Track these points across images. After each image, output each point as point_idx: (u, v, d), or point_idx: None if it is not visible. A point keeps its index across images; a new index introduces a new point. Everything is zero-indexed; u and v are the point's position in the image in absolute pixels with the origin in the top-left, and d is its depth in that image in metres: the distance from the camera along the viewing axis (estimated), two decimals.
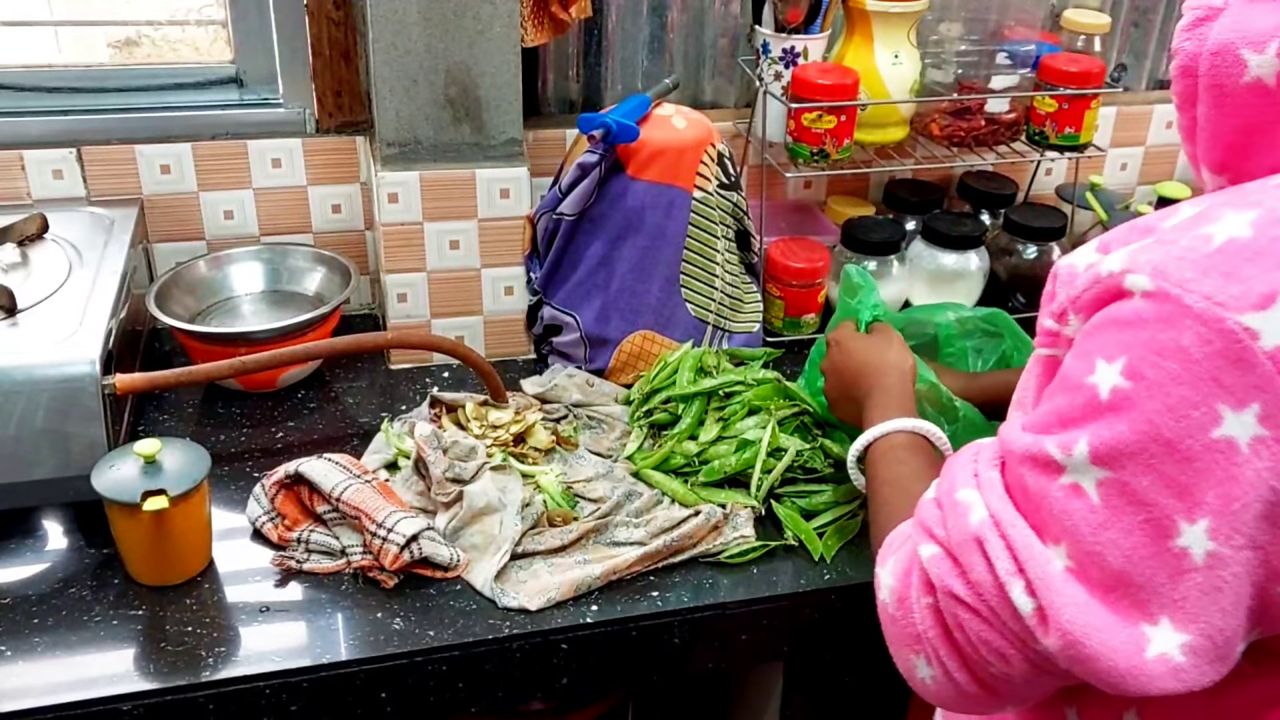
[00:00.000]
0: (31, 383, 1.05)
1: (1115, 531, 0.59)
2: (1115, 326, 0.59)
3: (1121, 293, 0.59)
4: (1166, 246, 0.58)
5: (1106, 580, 0.59)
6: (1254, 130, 0.62)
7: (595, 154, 1.29)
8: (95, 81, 1.43)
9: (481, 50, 1.29)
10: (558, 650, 1.03)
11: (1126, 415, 0.57)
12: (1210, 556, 0.56)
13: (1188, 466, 0.56)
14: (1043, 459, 0.62)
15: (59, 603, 1.02)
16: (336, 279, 1.41)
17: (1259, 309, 0.54)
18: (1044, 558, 0.61)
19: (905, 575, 0.71)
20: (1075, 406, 0.60)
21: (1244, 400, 0.54)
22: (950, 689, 0.68)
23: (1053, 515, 0.61)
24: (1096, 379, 0.59)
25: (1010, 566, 0.62)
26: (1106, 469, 0.59)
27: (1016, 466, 0.65)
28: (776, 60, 1.45)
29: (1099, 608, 0.59)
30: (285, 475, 1.11)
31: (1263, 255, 0.55)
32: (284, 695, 0.97)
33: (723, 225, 1.37)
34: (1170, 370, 0.56)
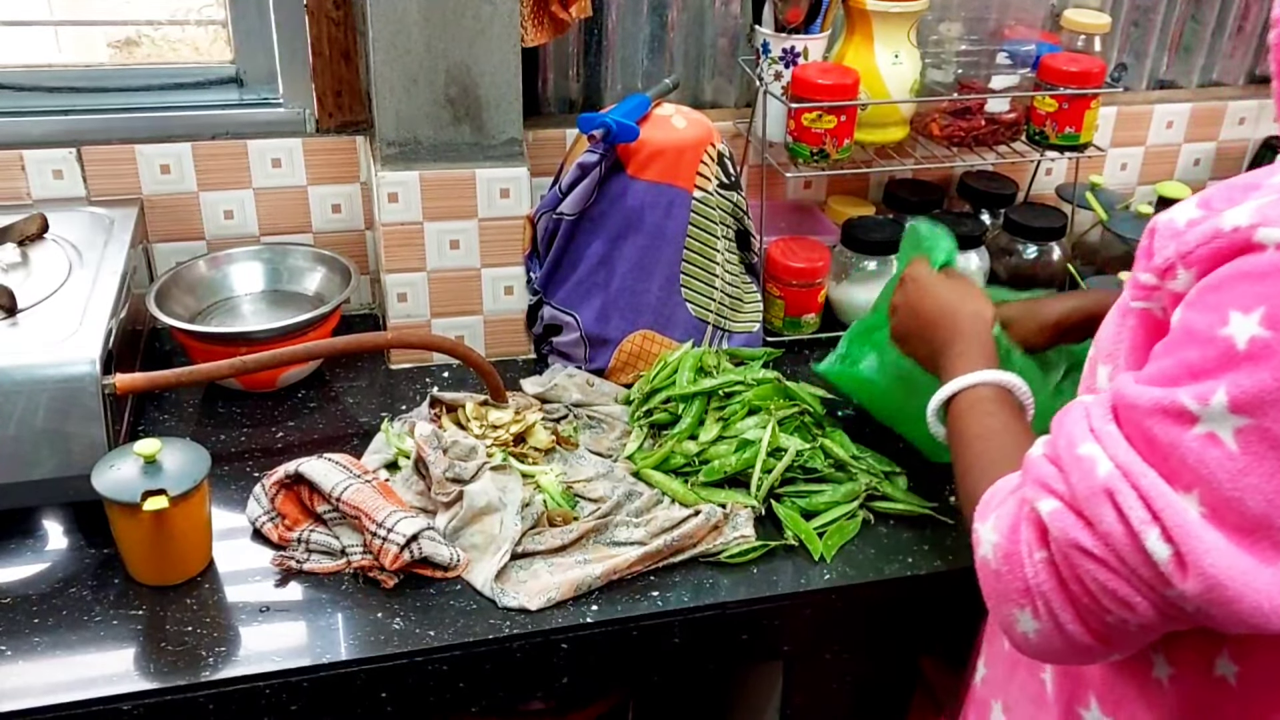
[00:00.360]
0: (32, 382, 1.05)
1: (1256, 477, 0.61)
2: (1250, 279, 0.61)
3: (1251, 246, 0.61)
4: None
5: (1245, 524, 0.61)
6: None
7: (595, 154, 1.29)
8: (95, 81, 1.43)
9: (481, 50, 1.29)
10: (558, 650, 1.03)
11: (1267, 364, 0.59)
12: None
13: None
14: (1175, 410, 0.63)
15: (59, 602, 1.02)
16: (336, 279, 1.41)
17: None
18: (1180, 505, 0.63)
19: (1013, 530, 0.71)
20: (1209, 358, 0.62)
21: None
22: (1058, 639, 0.69)
23: (1186, 464, 0.63)
24: (1231, 330, 0.61)
25: (1144, 515, 0.63)
26: (1246, 416, 0.60)
27: (1143, 419, 0.65)
28: (776, 60, 1.45)
29: (1239, 551, 0.61)
30: (285, 475, 1.11)
31: None
32: (284, 695, 0.97)
33: (723, 225, 1.37)
34: None
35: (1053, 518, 0.68)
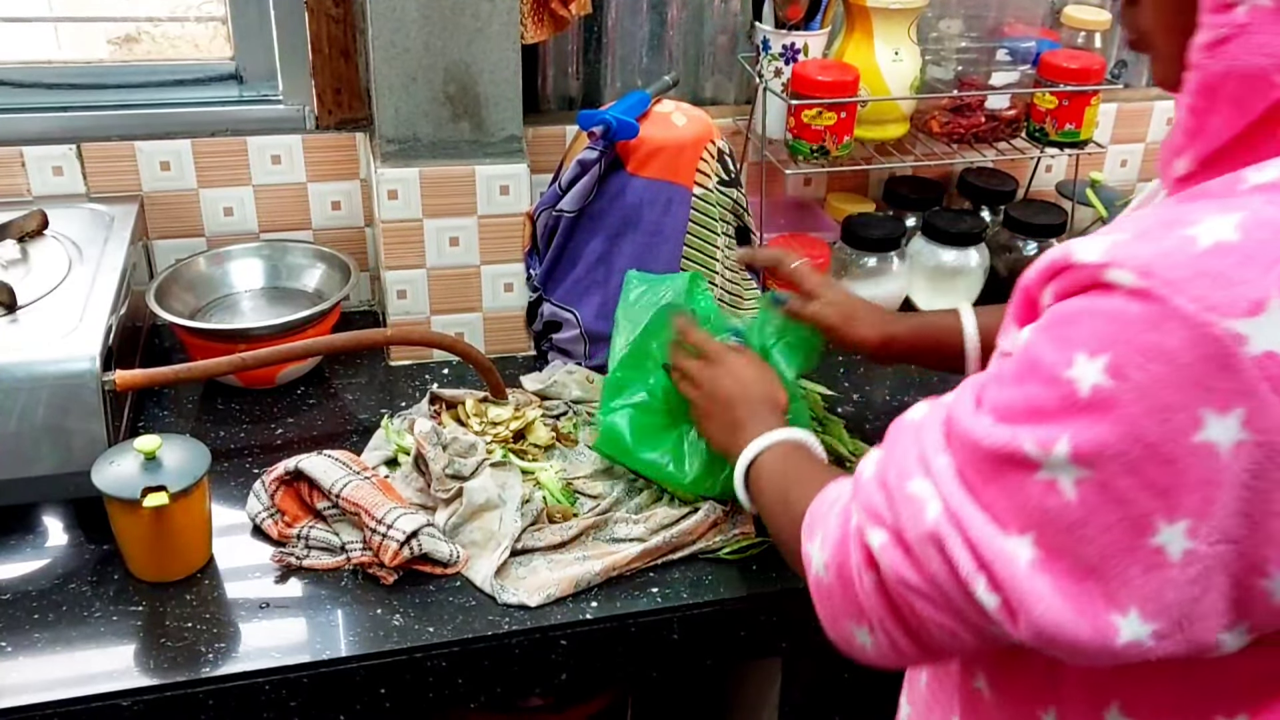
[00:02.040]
0: (32, 379, 1.05)
1: (1092, 528, 0.58)
2: (1098, 319, 0.57)
3: (1100, 284, 0.58)
4: (1148, 243, 0.57)
5: (1077, 571, 0.59)
6: (1254, 132, 0.61)
7: (595, 151, 1.29)
8: (95, 78, 1.43)
9: (481, 47, 1.29)
10: (557, 646, 1.03)
11: (1109, 416, 0.57)
12: (1186, 554, 0.57)
13: (1169, 469, 0.56)
14: (1018, 456, 0.60)
15: (59, 599, 1.02)
16: (336, 276, 1.41)
17: (1248, 315, 0.53)
18: (1009, 553, 0.61)
19: (841, 549, 0.71)
20: (1051, 400, 0.59)
21: (1228, 405, 0.54)
22: (894, 655, 0.70)
23: (1023, 507, 0.61)
24: (1076, 373, 0.58)
25: (971, 565, 0.62)
26: (1087, 468, 0.58)
27: (981, 460, 0.63)
28: (776, 57, 1.45)
29: (1068, 599, 0.60)
30: (285, 472, 1.11)
31: (1251, 260, 0.54)
32: (284, 691, 0.97)
33: (722, 222, 1.37)
34: (1156, 372, 0.55)
35: (882, 552, 0.67)
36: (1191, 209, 0.59)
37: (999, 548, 0.61)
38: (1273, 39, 0.58)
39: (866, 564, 0.68)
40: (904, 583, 0.65)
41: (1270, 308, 0.53)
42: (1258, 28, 0.59)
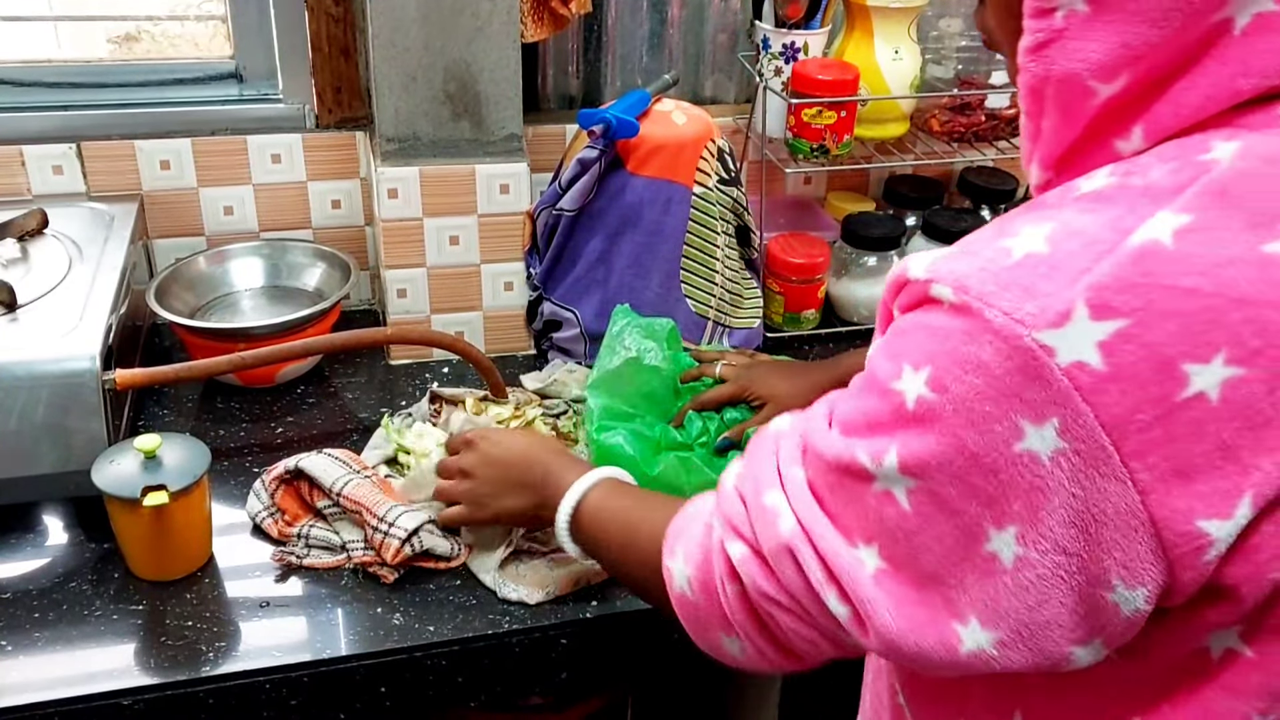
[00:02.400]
0: (32, 378, 1.05)
1: (927, 536, 0.60)
2: (923, 333, 0.59)
3: (927, 300, 0.59)
4: (969, 258, 0.58)
5: (918, 579, 0.61)
6: (1091, 133, 0.62)
7: (595, 150, 1.29)
8: (95, 77, 1.43)
9: (481, 46, 1.29)
10: (557, 645, 1.03)
11: (932, 428, 0.57)
12: (1018, 560, 0.57)
13: (994, 478, 0.56)
14: (855, 468, 0.62)
15: (59, 598, 1.02)
16: (336, 274, 1.41)
17: (1054, 326, 0.53)
18: (854, 563, 0.63)
19: (704, 563, 0.72)
20: (884, 412, 0.61)
21: (1043, 415, 0.54)
22: (760, 661, 0.72)
23: (865, 518, 0.62)
24: (903, 386, 0.59)
25: (822, 576, 0.64)
26: (916, 479, 0.59)
27: (826, 471, 0.65)
28: (776, 56, 1.45)
29: (911, 607, 0.61)
30: (285, 470, 1.11)
31: (1058, 270, 0.54)
32: (284, 690, 0.97)
33: (722, 221, 1.37)
34: (973, 384, 0.55)
35: (741, 563, 0.68)
36: (1016, 220, 0.59)
37: (846, 559, 0.63)
38: (1087, 44, 0.58)
39: (729, 575, 0.70)
40: (763, 594, 0.67)
41: (1076, 318, 0.53)
42: (1074, 33, 0.59)
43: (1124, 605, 0.56)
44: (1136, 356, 0.53)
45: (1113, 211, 0.56)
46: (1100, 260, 0.54)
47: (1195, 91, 0.58)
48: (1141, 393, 0.53)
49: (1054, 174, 0.64)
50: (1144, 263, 0.53)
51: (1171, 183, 0.56)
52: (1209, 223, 0.54)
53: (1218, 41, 0.56)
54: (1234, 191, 0.54)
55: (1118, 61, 0.58)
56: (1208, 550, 0.54)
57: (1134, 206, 0.55)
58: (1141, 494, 0.54)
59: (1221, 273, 0.53)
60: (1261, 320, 0.53)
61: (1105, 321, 0.53)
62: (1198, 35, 0.56)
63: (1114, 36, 0.57)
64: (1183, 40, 0.56)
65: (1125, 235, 0.54)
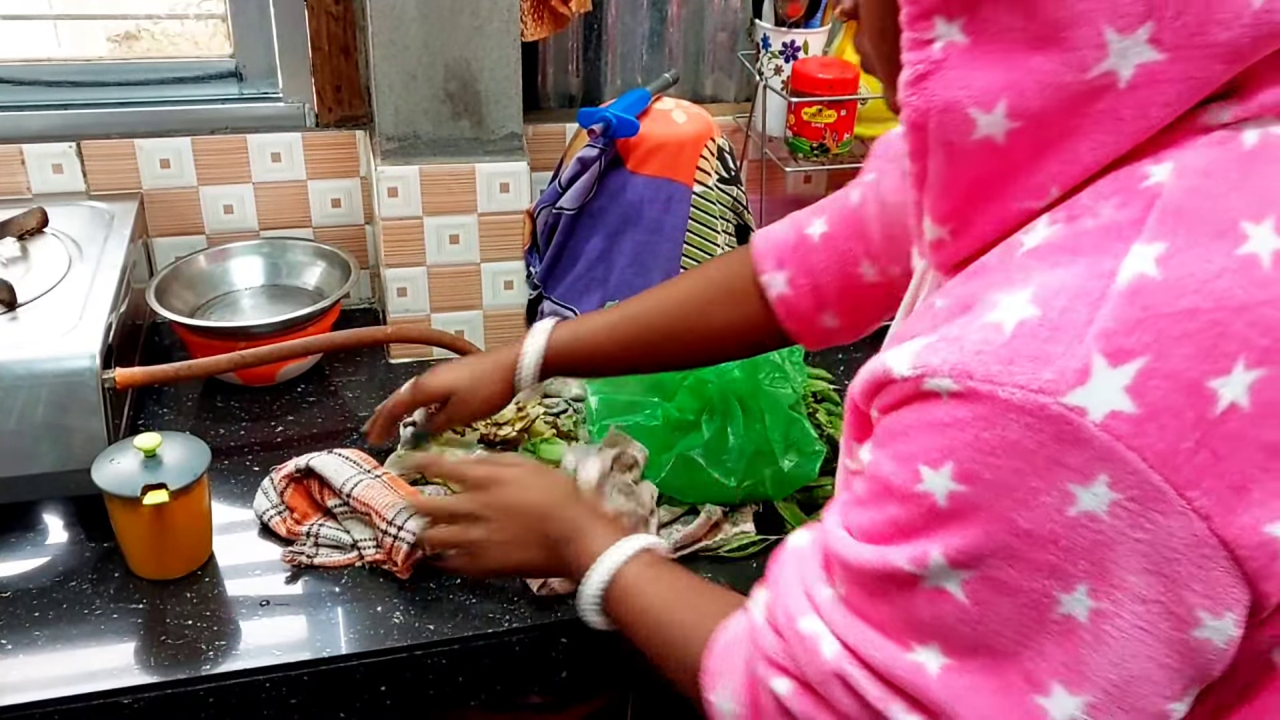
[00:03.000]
0: (32, 377, 1.05)
1: (993, 622, 0.57)
2: (931, 430, 0.57)
3: (923, 395, 0.57)
4: (956, 344, 0.56)
5: (990, 666, 0.58)
6: (985, 183, 0.60)
7: (595, 148, 1.29)
8: (95, 76, 1.43)
9: (481, 45, 1.29)
10: (557, 644, 1.03)
11: (976, 519, 0.56)
12: (1094, 613, 0.55)
13: (1053, 547, 0.55)
14: (896, 575, 0.59)
15: (59, 596, 1.02)
16: (336, 273, 1.41)
17: (1078, 385, 0.52)
18: (915, 669, 0.60)
19: (752, 701, 0.69)
20: (914, 517, 0.58)
21: (1090, 474, 0.53)
22: None
23: (917, 620, 0.59)
24: (927, 487, 0.57)
25: (880, 693, 0.61)
26: (969, 569, 0.57)
27: (862, 582, 0.62)
28: (776, 54, 1.45)
29: (988, 696, 0.58)
30: (296, 469, 1.11)
31: (1060, 330, 0.53)
32: (284, 689, 0.97)
33: (722, 220, 1.37)
34: (1007, 466, 0.54)
35: (791, 700, 0.65)
36: (979, 292, 0.58)
37: (905, 665, 0.60)
38: (968, 74, 0.57)
39: (779, 713, 0.66)
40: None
41: (1095, 370, 0.52)
42: (954, 63, 0.57)
43: (1216, 637, 0.55)
44: (1165, 389, 0.52)
45: (1085, 259, 0.55)
46: (1099, 308, 0.53)
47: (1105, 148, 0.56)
48: (1179, 422, 0.52)
49: (951, 229, 0.63)
50: (1139, 299, 0.53)
51: (1126, 216, 0.55)
52: (1183, 244, 0.54)
53: (1105, 95, 0.55)
54: (1189, 209, 0.54)
55: (999, 89, 0.57)
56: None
57: (1104, 248, 0.55)
58: (1206, 519, 0.53)
59: (1212, 286, 0.53)
60: (1264, 320, 0.53)
61: (1125, 365, 0.52)
62: (1082, 86, 0.55)
63: (998, 65, 0.56)
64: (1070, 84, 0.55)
65: (1111, 278, 0.54)
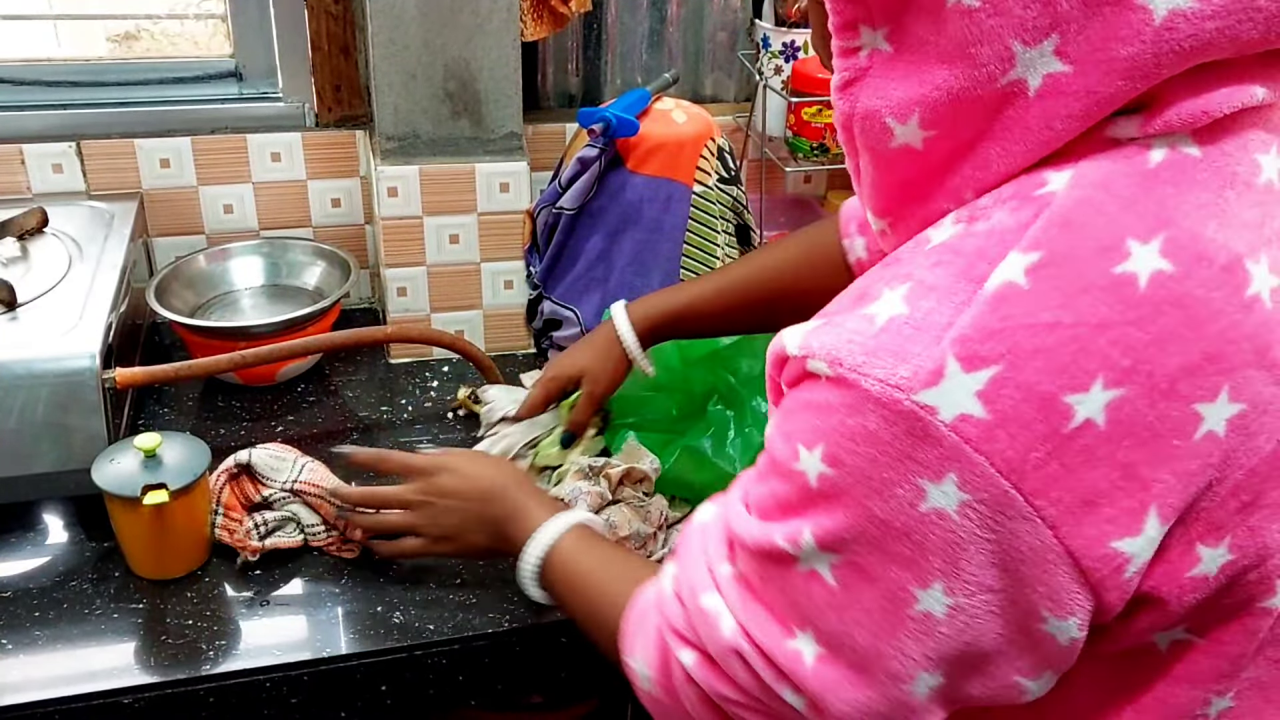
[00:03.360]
0: (32, 377, 1.05)
1: (857, 610, 0.59)
2: (810, 410, 0.59)
3: (807, 374, 0.59)
4: (836, 329, 0.58)
5: (858, 661, 0.60)
6: (909, 184, 0.62)
7: (595, 148, 1.29)
8: (95, 75, 1.43)
9: (480, 44, 1.29)
10: (557, 644, 1.03)
11: (839, 502, 0.58)
12: (950, 610, 0.57)
13: (907, 540, 0.56)
14: (776, 553, 0.62)
15: (59, 596, 1.02)
16: (336, 273, 1.41)
17: (930, 385, 0.53)
18: (794, 656, 0.62)
19: (662, 665, 0.71)
20: (791, 494, 0.61)
21: (940, 472, 0.54)
22: None
23: (797, 603, 0.62)
24: (803, 465, 0.59)
25: (771, 674, 0.64)
26: (835, 553, 0.59)
27: (750, 559, 0.65)
28: (777, 54, 1.45)
29: (857, 690, 0.60)
30: (236, 464, 1.07)
31: (920, 329, 0.55)
32: (284, 688, 0.97)
33: (722, 219, 1.37)
34: (867, 454, 0.56)
35: (695, 669, 0.68)
36: (874, 281, 0.60)
37: (787, 652, 0.63)
38: (889, 83, 0.59)
39: (686, 680, 0.69)
40: (723, 697, 0.67)
41: (949, 373, 0.53)
42: (878, 71, 0.59)
43: (1059, 635, 0.57)
44: (1016, 399, 0.53)
45: (962, 262, 0.56)
46: (960, 312, 0.54)
47: (1015, 155, 0.57)
48: (1029, 433, 0.53)
49: (889, 222, 0.65)
50: (1002, 307, 0.53)
51: (1014, 221, 0.56)
52: (1058, 256, 0.54)
53: (1015, 102, 0.56)
54: (1076, 220, 0.54)
55: (913, 101, 0.58)
56: (1126, 568, 0.55)
57: (984, 252, 0.55)
58: (1052, 528, 0.54)
59: (1078, 302, 0.53)
60: (1126, 340, 0.53)
61: (977, 371, 0.53)
62: (993, 95, 0.56)
63: (913, 76, 0.58)
64: (980, 95, 0.56)
65: (980, 283, 0.54)
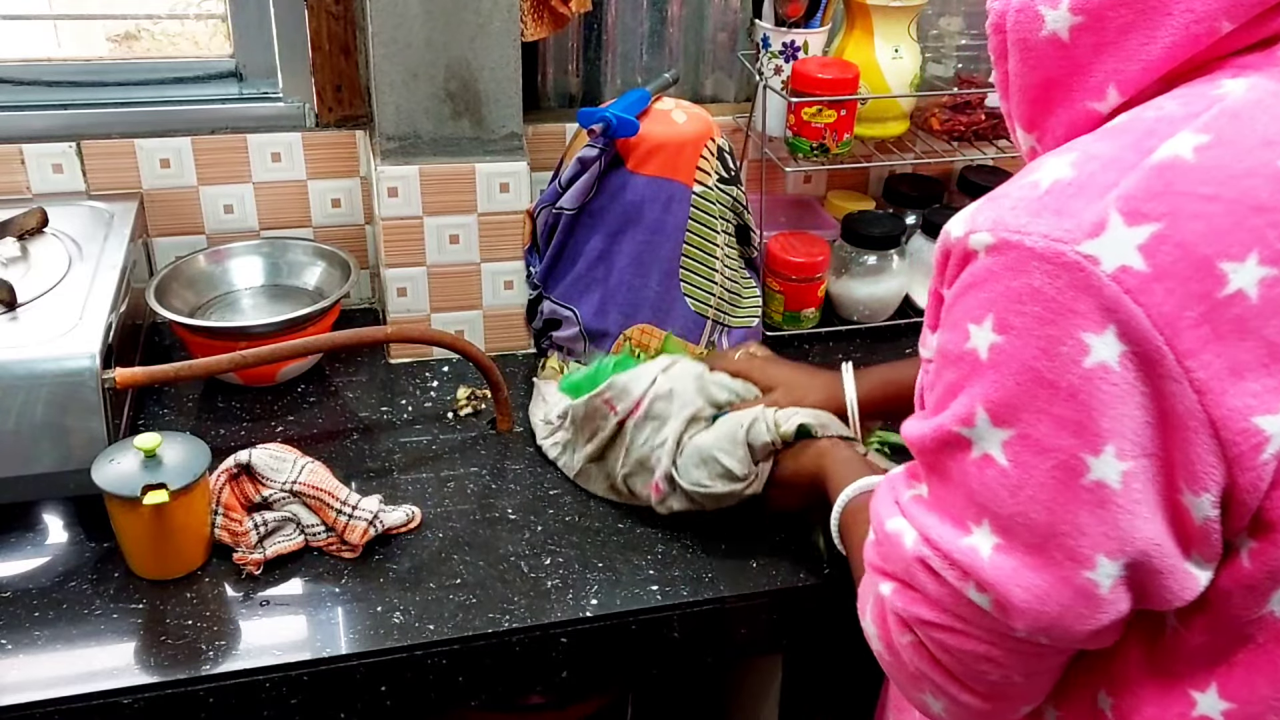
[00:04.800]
0: (32, 377, 1.05)
1: (1031, 488, 0.60)
2: (974, 288, 0.61)
3: (969, 254, 0.62)
4: (999, 201, 0.61)
5: (1035, 543, 0.61)
6: (1053, 84, 0.65)
7: (595, 148, 1.29)
8: (95, 75, 1.43)
9: (481, 45, 1.29)
10: (557, 644, 1.03)
11: (1006, 367, 0.60)
12: (1125, 476, 0.58)
13: (1074, 401, 0.58)
14: (950, 438, 0.64)
15: (59, 596, 1.02)
16: (336, 273, 1.41)
17: (1093, 236, 0.56)
18: (972, 550, 0.63)
19: (880, 621, 0.73)
20: (961, 375, 0.62)
21: (1101, 323, 0.56)
22: (964, 713, 0.70)
23: (970, 495, 0.63)
24: (974, 343, 0.61)
25: (956, 573, 0.64)
26: (1006, 427, 0.60)
27: (929, 457, 0.67)
28: (776, 54, 1.45)
29: (1037, 574, 0.61)
30: (236, 464, 1.07)
31: (1085, 188, 0.58)
32: (284, 689, 0.97)
33: (722, 220, 1.37)
34: (1033, 312, 0.58)
35: (892, 599, 0.69)
36: (1038, 161, 0.63)
37: (964, 549, 0.64)
38: None
39: (899, 626, 0.70)
40: (919, 619, 0.67)
41: (1111, 225, 0.56)
42: None
43: (1194, 510, 0.58)
44: (1174, 256, 0.55)
45: (1129, 137, 0.59)
46: (1125, 175, 0.57)
47: (1157, 44, 0.60)
48: (1185, 290, 0.55)
49: (1037, 136, 0.68)
50: (1166, 174, 0.57)
51: (1184, 110, 0.59)
52: (1226, 140, 0.57)
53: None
54: (1247, 115, 0.58)
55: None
56: (1265, 448, 0.56)
57: (1154, 130, 0.59)
58: (1199, 393, 0.56)
59: (1239, 183, 0.56)
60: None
61: (1139, 226, 0.56)
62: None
63: None
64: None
65: (1147, 154, 0.58)
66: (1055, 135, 0.66)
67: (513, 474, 1.22)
